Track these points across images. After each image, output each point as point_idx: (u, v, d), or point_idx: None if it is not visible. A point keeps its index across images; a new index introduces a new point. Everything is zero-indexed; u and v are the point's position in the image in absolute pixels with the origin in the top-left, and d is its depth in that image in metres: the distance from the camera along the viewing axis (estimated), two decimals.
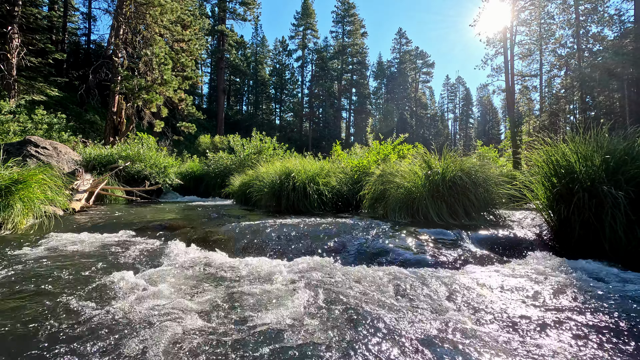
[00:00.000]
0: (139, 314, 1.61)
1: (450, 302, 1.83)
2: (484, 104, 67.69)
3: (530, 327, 1.54)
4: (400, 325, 1.52)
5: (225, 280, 2.18)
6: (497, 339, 1.42)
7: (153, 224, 4.10)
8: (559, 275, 2.26)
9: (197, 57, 21.43)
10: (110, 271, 2.30)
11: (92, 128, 19.05)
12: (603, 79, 18.92)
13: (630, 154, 2.82)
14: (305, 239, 3.17)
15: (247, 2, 34.78)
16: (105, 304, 1.74)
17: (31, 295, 1.85)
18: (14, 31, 15.24)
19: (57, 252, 2.82)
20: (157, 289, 1.94)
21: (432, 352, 1.31)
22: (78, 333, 1.42)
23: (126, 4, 14.24)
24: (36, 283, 2.05)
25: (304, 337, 1.40)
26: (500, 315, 1.66)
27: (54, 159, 7.76)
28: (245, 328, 1.49)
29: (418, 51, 57.50)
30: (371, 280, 2.15)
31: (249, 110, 50.17)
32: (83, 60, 23.84)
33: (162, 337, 1.39)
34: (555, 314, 1.67)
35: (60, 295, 1.85)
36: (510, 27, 19.82)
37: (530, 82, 25.94)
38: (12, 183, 3.80)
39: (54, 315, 1.59)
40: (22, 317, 1.58)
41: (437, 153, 4.52)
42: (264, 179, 6.18)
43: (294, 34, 48.13)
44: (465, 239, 3.06)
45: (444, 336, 1.43)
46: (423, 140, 44.67)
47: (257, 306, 1.73)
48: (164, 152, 11.65)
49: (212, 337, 1.40)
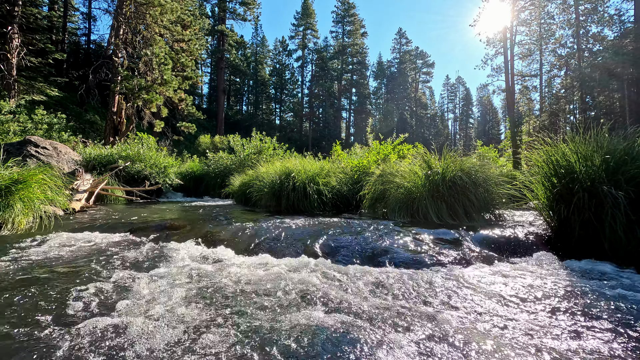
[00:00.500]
0: (142, 312, 1.61)
1: (450, 302, 1.83)
2: (484, 104, 67.72)
3: (530, 327, 1.54)
4: (398, 324, 1.53)
5: (225, 281, 2.18)
6: (495, 338, 1.42)
7: (153, 224, 4.10)
8: (559, 275, 2.26)
9: (197, 57, 21.43)
10: (110, 271, 2.30)
11: (92, 128, 19.05)
12: (603, 79, 18.93)
13: (630, 154, 2.82)
14: (305, 238, 3.17)
15: (247, 2, 34.79)
16: (105, 303, 1.74)
17: (31, 295, 1.85)
18: (14, 31, 15.25)
19: (58, 252, 2.82)
20: (157, 288, 1.94)
21: (431, 352, 1.31)
22: (76, 340, 1.42)
23: (126, 4, 14.24)
24: (36, 283, 2.05)
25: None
26: (499, 315, 1.66)
27: (54, 159, 7.76)
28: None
29: (418, 51, 57.52)
30: (371, 279, 2.15)
31: (249, 110, 50.18)
32: (83, 60, 23.84)
33: (164, 339, 1.39)
34: (555, 314, 1.67)
35: (60, 295, 1.85)
36: (510, 27, 19.84)
37: (530, 82, 25.98)
38: (12, 183, 3.80)
39: (53, 314, 1.59)
40: (17, 318, 1.58)
41: (437, 153, 4.52)
42: (264, 179, 6.18)
43: (294, 34, 48.16)
44: (465, 239, 3.06)
45: (444, 336, 1.43)
46: (423, 140, 44.70)
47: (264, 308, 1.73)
48: (164, 152, 11.65)
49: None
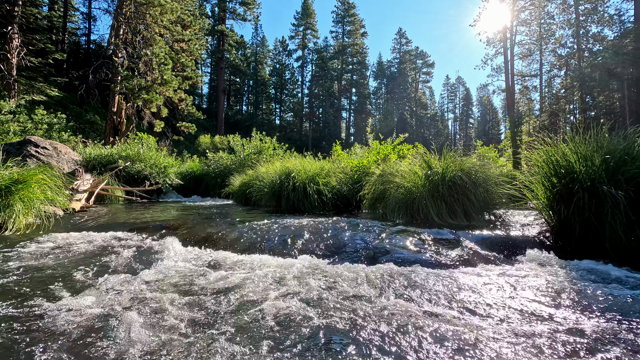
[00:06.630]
0: (142, 310, 1.61)
1: (449, 302, 1.82)
2: (484, 104, 67.68)
3: (530, 326, 1.54)
4: (396, 323, 1.52)
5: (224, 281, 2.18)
6: (494, 338, 1.42)
7: (154, 224, 4.10)
8: (559, 274, 2.26)
9: (197, 57, 21.42)
10: (110, 270, 2.30)
11: (92, 128, 19.04)
12: (603, 79, 18.92)
13: (630, 154, 2.82)
14: (305, 238, 3.17)
15: (247, 2, 34.76)
16: (105, 304, 1.74)
17: (30, 295, 1.85)
18: (14, 31, 15.23)
19: (57, 252, 2.82)
20: (158, 288, 1.94)
21: (430, 352, 1.31)
22: (72, 337, 1.42)
23: (126, 4, 14.24)
24: (36, 282, 2.05)
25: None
26: (499, 315, 1.66)
27: (54, 159, 7.76)
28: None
29: (418, 51, 57.46)
30: (370, 279, 2.15)
31: (249, 110, 50.14)
32: (83, 60, 23.81)
33: (170, 343, 1.39)
34: (555, 314, 1.67)
35: (59, 294, 1.84)
36: (510, 27, 19.85)
37: (530, 82, 25.93)
38: (12, 183, 3.80)
39: (53, 315, 1.59)
40: (14, 321, 1.58)
41: (437, 153, 4.52)
42: (264, 179, 6.18)
43: (294, 34, 48.12)
44: (465, 239, 3.05)
45: (442, 335, 1.43)
46: (423, 140, 44.70)
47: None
48: (164, 152, 11.65)
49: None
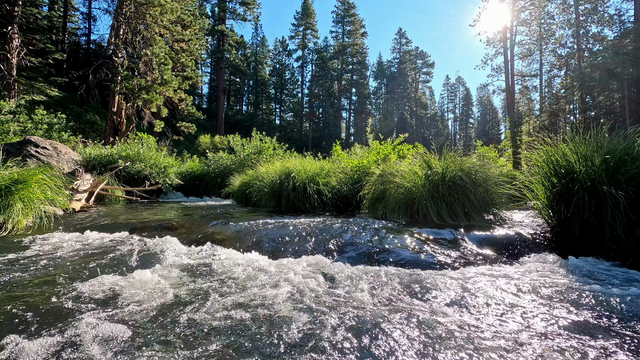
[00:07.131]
0: (146, 310, 1.61)
1: (449, 302, 1.83)
2: (484, 104, 67.70)
3: (530, 326, 1.54)
4: (395, 323, 1.53)
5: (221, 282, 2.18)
6: (493, 338, 1.42)
7: (154, 224, 4.10)
8: (559, 274, 2.26)
9: (197, 57, 21.42)
10: (110, 270, 2.30)
11: (92, 128, 19.04)
12: (603, 79, 18.93)
13: (630, 154, 2.82)
14: (305, 238, 3.17)
15: (247, 2, 34.76)
16: (104, 303, 1.74)
17: (29, 295, 1.85)
18: (14, 31, 15.23)
19: (57, 252, 2.82)
20: (160, 287, 1.94)
21: (429, 352, 1.31)
22: (72, 338, 1.42)
23: (126, 4, 14.24)
24: (35, 282, 2.05)
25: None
26: (498, 315, 1.66)
27: (54, 159, 7.76)
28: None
29: (418, 51, 57.48)
30: (369, 279, 2.15)
31: (249, 110, 50.14)
32: (83, 60, 23.81)
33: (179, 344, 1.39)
34: (555, 314, 1.67)
35: (59, 294, 1.84)
36: (510, 27, 19.86)
37: (530, 82, 25.94)
38: (12, 183, 3.80)
39: (51, 316, 1.59)
40: (13, 320, 1.58)
41: (437, 153, 4.52)
42: (264, 179, 6.18)
43: (294, 34, 48.13)
44: (465, 239, 3.06)
45: (442, 335, 1.43)
46: (423, 140, 44.73)
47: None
48: (164, 152, 11.65)
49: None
